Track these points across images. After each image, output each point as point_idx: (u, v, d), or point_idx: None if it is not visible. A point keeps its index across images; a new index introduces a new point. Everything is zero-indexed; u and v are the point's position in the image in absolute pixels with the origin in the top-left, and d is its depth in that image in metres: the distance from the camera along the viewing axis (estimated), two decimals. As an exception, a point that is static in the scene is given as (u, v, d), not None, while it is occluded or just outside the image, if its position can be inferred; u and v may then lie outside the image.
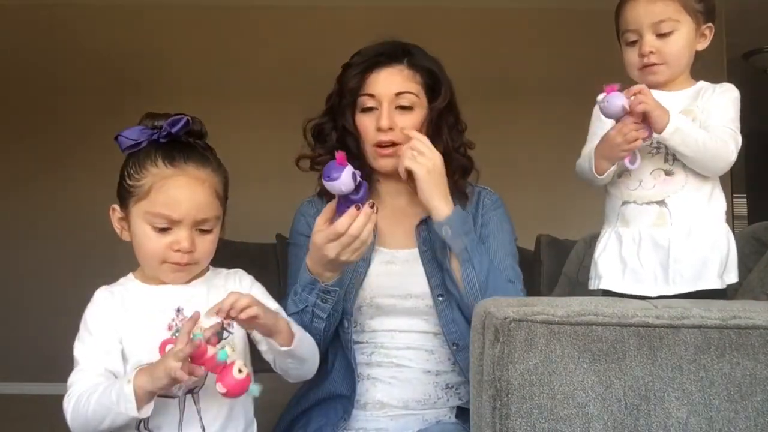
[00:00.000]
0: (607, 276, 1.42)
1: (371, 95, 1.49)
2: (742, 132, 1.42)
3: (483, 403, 1.01)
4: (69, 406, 1.17)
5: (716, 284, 1.36)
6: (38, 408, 3.84)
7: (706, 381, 0.98)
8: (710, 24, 1.45)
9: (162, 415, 1.20)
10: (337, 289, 1.37)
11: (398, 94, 1.48)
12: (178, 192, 1.21)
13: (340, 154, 1.25)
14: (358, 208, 1.27)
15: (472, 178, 1.58)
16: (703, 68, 1.51)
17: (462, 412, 1.43)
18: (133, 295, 1.26)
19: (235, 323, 1.24)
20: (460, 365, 1.44)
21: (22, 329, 4.18)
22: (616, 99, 1.33)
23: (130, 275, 1.30)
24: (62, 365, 1.22)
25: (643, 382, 0.98)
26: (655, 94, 1.38)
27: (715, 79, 1.49)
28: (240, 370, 1.09)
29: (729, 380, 0.99)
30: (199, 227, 1.23)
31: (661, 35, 1.41)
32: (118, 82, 4.33)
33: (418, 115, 1.49)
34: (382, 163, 1.50)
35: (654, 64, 1.42)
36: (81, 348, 1.22)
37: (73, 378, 1.19)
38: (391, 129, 1.47)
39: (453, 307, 1.45)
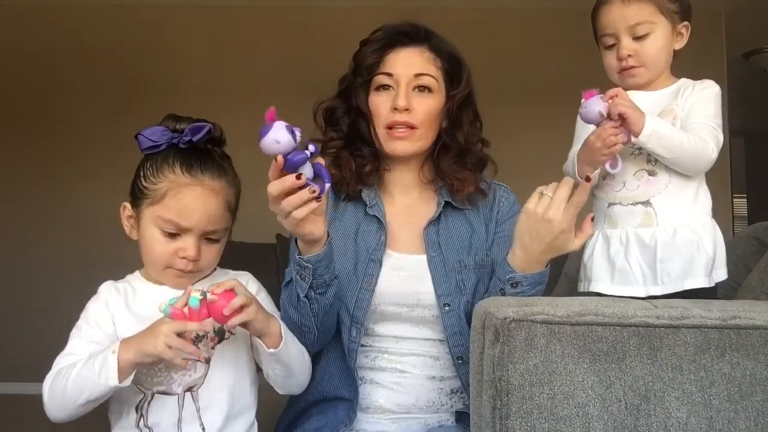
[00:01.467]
0: (597, 278, 1.42)
1: (389, 74, 1.43)
2: (741, 132, 1.43)
3: (483, 403, 1.01)
4: (48, 382, 1.17)
5: (704, 283, 1.36)
6: (38, 408, 3.85)
7: (706, 381, 0.98)
8: (686, 23, 1.46)
9: (161, 412, 1.20)
10: (310, 266, 1.27)
11: (417, 75, 1.42)
12: (192, 202, 1.21)
13: (269, 111, 1.13)
14: (299, 178, 1.14)
15: (490, 173, 1.53)
16: (703, 68, 1.51)
17: (460, 417, 1.41)
18: (137, 293, 1.26)
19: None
20: (462, 379, 1.40)
21: (22, 329, 4.18)
22: (594, 104, 1.34)
23: (137, 273, 1.30)
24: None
25: (643, 382, 0.98)
26: (636, 94, 1.39)
27: (715, 79, 1.49)
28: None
29: (729, 380, 0.99)
30: (207, 237, 1.24)
31: (638, 38, 1.42)
32: (120, 82, 4.33)
33: (435, 100, 1.44)
34: (395, 146, 1.43)
35: (633, 67, 1.43)
36: (75, 335, 1.23)
37: (58, 360, 1.20)
38: (407, 110, 1.40)
39: (461, 317, 1.40)
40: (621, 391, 0.98)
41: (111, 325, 1.23)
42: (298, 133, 1.13)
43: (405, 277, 1.40)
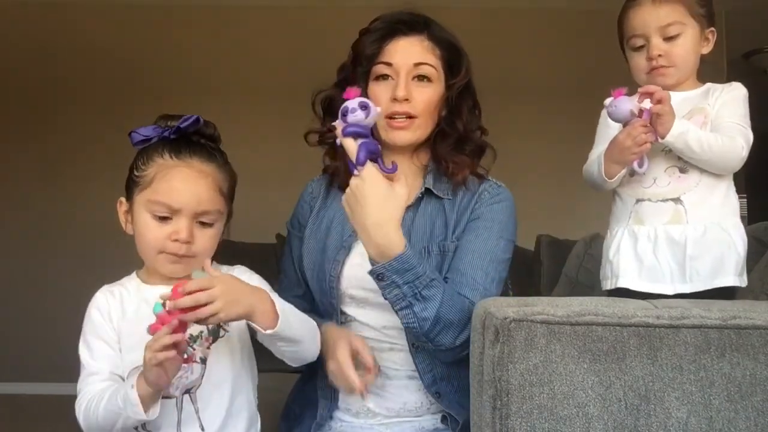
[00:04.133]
0: (625, 275, 1.42)
1: (388, 64, 1.42)
2: (741, 131, 1.43)
3: (483, 403, 1.01)
4: (80, 412, 1.19)
5: (734, 282, 1.36)
6: (39, 408, 3.86)
7: (706, 381, 0.98)
8: (712, 28, 1.48)
9: (160, 415, 1.20)
10: None
11: (417, 64, 1.41)
12: (180, 182, 1.21)
13: (351, 90, 1.24)
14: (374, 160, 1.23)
15: (488, 159, 1.50)
16: (703, 68, 1.51)
17: (445, 419, 1.39)
18: (132, 295, 1.26)
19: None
20: (418, 368, 1.37)
21: (22, 329, 4.18)
22: (624, 103, 1.34)
23: (133, 274, 1.30)
24: (63, 365, 1.23)
25: (643, 382, 0.98)
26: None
27: (714, 79, 1.50)
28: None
29: (729, 380, 0.99)
30: (200, 219, 1.23)
31: (668, 38, 1.43)
32: (119, 82, 4.34)
33: (434, 90, 1.43)
34: (395, 137, 1.42)
35: (663, 67, 1.44)
36: (85, 351, 1.24)
37: (81, 384, 1.21)
38: (407, 100, 1.40)
39: None
40: (621, 391, 0.98)
41: (114, 334, 1.23)
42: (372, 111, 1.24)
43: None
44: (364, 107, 1.23)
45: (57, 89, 4.38)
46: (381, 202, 1.23)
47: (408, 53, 1.42)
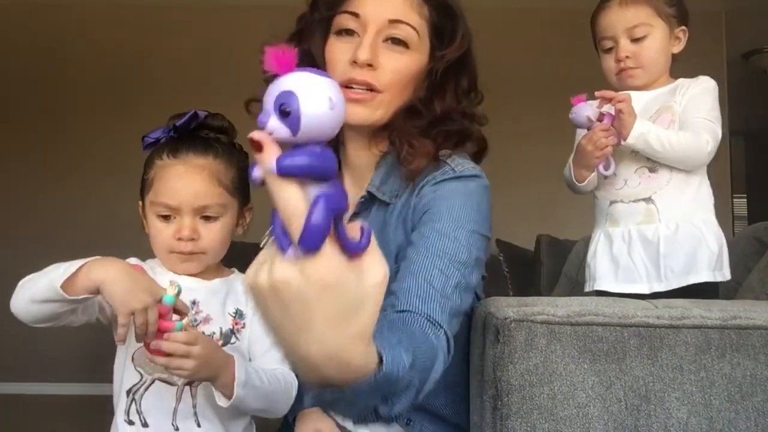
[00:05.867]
0: (602, 277, 1.43)
1: (355, 14, 1.07)
2: (741, 132, 1.45)
3: (483, 403, 1.01)
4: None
5: (707, 277, 1.37)
6: (39, 408, 3.87)
7: (706, 381, 0.98)
8: (684, 27, 1.48)
9: (157, 402, 1.20)
10: None
11: (393, 21, 1.06)
12: (176, 180, 1.22)
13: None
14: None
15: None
16: (703, 68, 1.52)
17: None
18: (157, 276, 1.24)
19: (244, 330, 1.24)
20: None
21: (23, 329, 4.17)
22: (583, 110, 1.37)
23: (157, 260, 1.29)
24: (63, 365, 1.22)
25: (644, 383, 0.98)
26: (634, 93, 1.42)
27: (714, 80, 1.50)
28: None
29: (729, 380, 0.99)
30: (203, 215, 1.23)
31: (636, 40, 1.44)
32: (119, 83, 4.33)
33: (411, 59, 1.08)
34: (349, 111, 1.03)
35: (630, 68, 1.45)
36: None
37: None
38: (370, 66, 1.05)
39: None
40: (621, 392, 0.98)
41: None
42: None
43: None
44: (330, 106, 0.56)
45: (58, 89, 4.38)
46: (341, 314, 0.59)
47: (383, 4, 1.07)
